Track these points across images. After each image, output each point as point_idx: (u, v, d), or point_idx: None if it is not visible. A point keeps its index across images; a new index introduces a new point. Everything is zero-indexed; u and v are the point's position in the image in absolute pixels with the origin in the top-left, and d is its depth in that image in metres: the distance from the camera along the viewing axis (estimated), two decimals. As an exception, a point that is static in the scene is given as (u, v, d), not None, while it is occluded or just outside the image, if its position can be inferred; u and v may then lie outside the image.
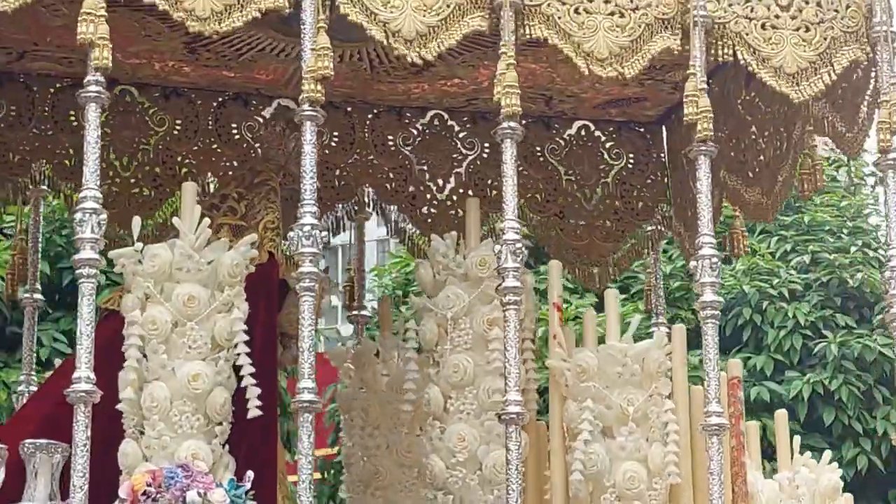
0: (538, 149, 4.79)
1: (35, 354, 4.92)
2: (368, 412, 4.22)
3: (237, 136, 4.59)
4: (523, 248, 3.34)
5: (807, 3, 3.66)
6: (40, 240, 5.02)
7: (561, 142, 4.83)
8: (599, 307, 5.20)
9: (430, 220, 4.79)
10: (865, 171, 10.91)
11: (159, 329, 3.31)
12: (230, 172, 4.45)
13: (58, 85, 4.48)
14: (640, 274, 7.81)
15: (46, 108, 4.50)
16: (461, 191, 4.75)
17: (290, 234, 3.28)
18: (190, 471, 3.19)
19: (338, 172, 4.78)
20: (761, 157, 4.40)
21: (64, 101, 4.45)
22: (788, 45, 3.64)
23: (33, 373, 4.81)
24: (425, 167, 4.82)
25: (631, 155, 4.90)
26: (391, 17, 3.33)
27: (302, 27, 3.27)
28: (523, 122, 3.72)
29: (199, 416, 3.34)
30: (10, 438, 3.30)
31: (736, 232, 4.76)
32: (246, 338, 3.34)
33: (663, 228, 4.99)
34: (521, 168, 4.17)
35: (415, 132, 4.80)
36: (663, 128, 4.88)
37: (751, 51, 3.63)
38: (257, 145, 4.53)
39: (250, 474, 3.27)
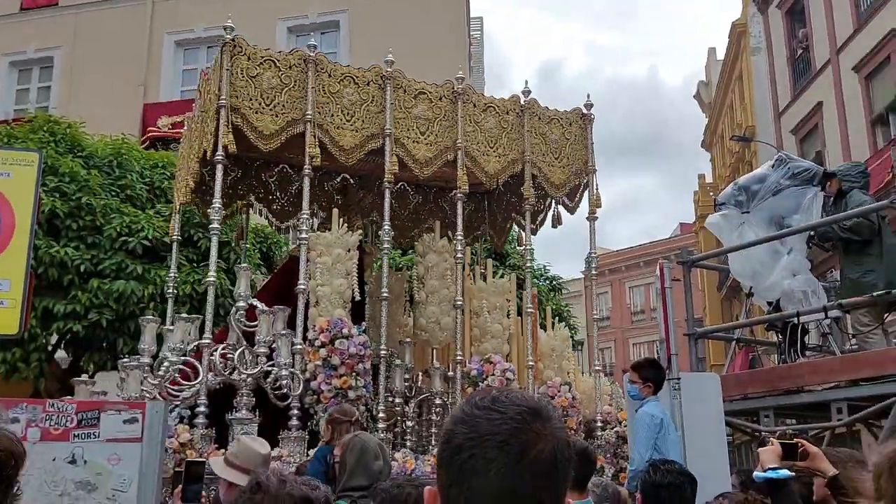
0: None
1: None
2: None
3: (327, 189, 9.18)
4: (463, 241, 8.23)
5: (564, 157, 8.66)
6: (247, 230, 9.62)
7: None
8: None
9: (398, 228, 9.50)
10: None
11: (325, 266, 7.74)
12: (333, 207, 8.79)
13: (277, 168, 8.89)
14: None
15: (274, 175, 8.90)
16: (413, 215, 9.56)
17: (379, 231, 8.10)
18: (342, 322, 7.63)
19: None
20: (535, 210, 9.43)
21: (279, 173, 8.90)
22: (557, 171, 8.67)
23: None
24: (398, 205, 9.47)
25: (475, 203, 9.92)
26: (417, 152, 8.11)
27: (385, 152, 7.89)
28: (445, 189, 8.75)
29: (341, 300, 7.68)
30: (261, 298, 7.72)
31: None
32: (355, 270, 7.91)
33: (486, 233, 10.10)
34: (442, 206, 9.26)
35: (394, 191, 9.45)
36: (486, 195, 9.93)
37: (542, 172, 8.64)
38: (337, 196, 9.11)
39: (363, 324, 7.91)
